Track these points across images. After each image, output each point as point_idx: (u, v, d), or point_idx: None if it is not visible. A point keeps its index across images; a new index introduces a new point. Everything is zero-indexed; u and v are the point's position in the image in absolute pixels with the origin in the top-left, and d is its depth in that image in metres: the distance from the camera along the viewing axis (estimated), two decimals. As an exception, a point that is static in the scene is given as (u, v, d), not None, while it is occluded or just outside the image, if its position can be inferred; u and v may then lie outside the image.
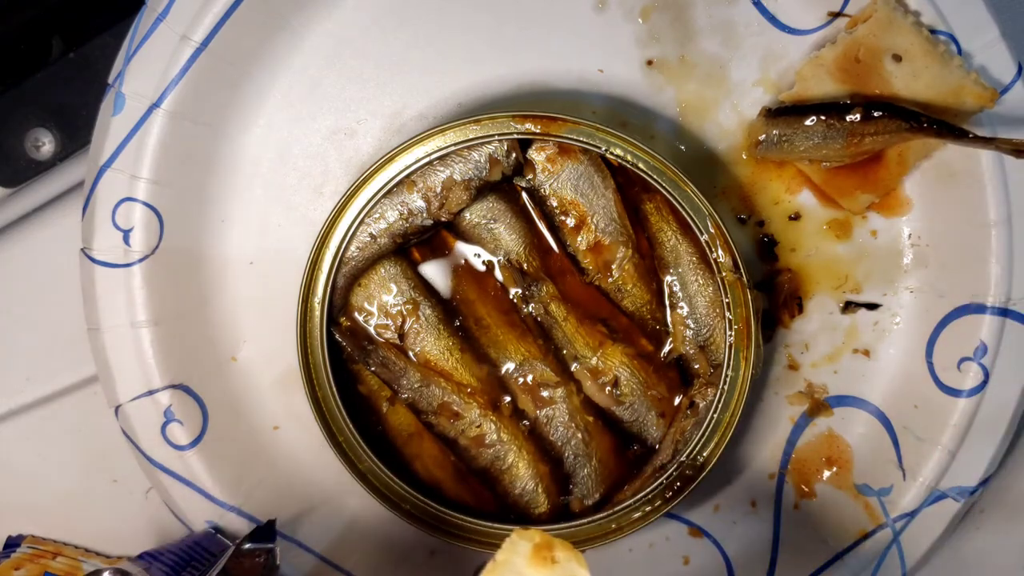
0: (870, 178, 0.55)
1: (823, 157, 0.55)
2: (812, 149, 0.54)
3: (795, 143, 0.54)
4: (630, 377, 0.56)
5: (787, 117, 0.55)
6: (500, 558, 0.39)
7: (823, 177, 0.56)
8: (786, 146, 0.55)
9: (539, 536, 0.40)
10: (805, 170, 0.56)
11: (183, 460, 0.56)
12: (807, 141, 0.54)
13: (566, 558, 0.39)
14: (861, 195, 0.56)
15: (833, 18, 0.57)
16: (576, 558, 0.39)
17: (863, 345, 0.59)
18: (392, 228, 0.56)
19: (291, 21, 0.57)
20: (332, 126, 0.58)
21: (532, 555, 0.39)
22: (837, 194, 0.56)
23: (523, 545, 0.39)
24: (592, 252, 0.57)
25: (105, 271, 0.56)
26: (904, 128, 0.52)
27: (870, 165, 0.55)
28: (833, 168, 0.55)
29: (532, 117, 0.53)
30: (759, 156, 0.56)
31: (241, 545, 0.52)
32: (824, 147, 0.54)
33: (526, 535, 0.40)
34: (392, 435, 0.58)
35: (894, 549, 0.57)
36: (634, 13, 0.58)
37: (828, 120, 0.53)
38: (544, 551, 0.39)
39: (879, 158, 0.55)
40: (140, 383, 0.56)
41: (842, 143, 0.53)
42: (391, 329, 0.57)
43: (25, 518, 0.62)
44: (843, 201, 0.56)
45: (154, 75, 0.54)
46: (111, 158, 0.55)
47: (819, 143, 0.54)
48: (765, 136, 0.55)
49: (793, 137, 0.54)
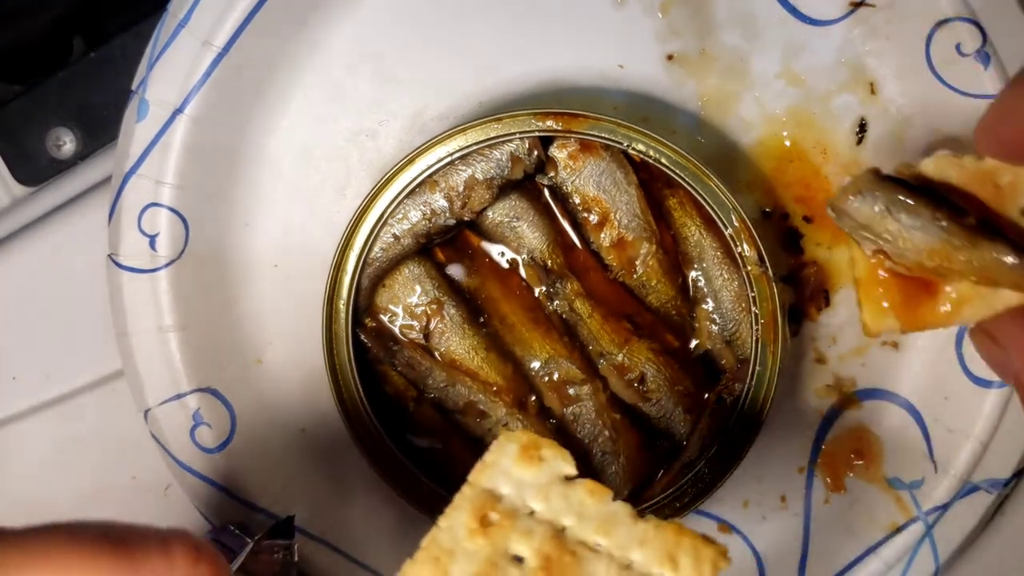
0: (910, 304, 0.46)
1: (892, 248, 0.46)
2: (891, 232, 0.45)
3: (884, 218, 0.45)
4: (656, 373, 0.56)
5: (893, 186, 0.46)
6: (488, 459, 0.40)
7: (867, 269, 0.47)
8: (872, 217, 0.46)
9: (526, 437, 0.40)
10: (856, 253, 0.48)
11: (212, 463, 0.57)
12: (893, 220, 0.45)
13: (552, 456, 0.40)
14: (889, 316, 0.47)
15: (855, 8, 0.56)
16: (562, 455, 0.40)
17: (891, 337, 0.58)
18: (415, 228, 0.56)
19: (311, 24, 0.57)
20: (354, 127, 0.59)
21: (519, 455, 0.40)
22: (866, 297, 0.48)
23: (510, 446, 0.40)
24: (616, 248, 0.57)
25: (132, 276, 0.56)
26: (1008, 269, 0.43)
27: (921, 292, 0.46)
28: (884, 266, 0.47)
29: (553, 114, 0.53)
30: (835, 208, 0.47)
31: (260, 541, 0.52)
32: (906, 237, 0.45)
33: (513, 436, 0.40)
34: (419, 435, 0.58)
35: (927, 542, 0.56)
36: (653, 8, 0.58)
37: (936, 209, 0.45)
38: (531, 450, 0.40)
39: (933, 290, 0.46)
40: (168, 387, 0.56)
41: (928, 244, 0.44)
42: (416, 329, 0.57)
43: (45, 515, 0.62)
44: (867, 308, 0.47)
45: (177, 81, 0.55)
46: (136, 164, 0.55)
47: (904, 228, 0.45)
48: (858, 195, 0.46)
49: (886, 208, 0.45)
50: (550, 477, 0.40)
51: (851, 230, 0.46)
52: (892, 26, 0.56)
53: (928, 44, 0.55)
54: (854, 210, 0.45)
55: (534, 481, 0.39)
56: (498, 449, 0.40)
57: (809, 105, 0.58)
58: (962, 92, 0.55)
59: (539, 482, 0.39)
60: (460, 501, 0.39)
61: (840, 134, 0.58)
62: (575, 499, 0.39)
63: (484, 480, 0.40)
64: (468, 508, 0.39)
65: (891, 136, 0.58)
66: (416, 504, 0.55)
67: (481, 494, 0.39)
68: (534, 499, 0.39)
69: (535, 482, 0.39)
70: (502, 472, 0.40)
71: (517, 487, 0.40)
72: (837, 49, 0.57)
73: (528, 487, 0.39)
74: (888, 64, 0.57)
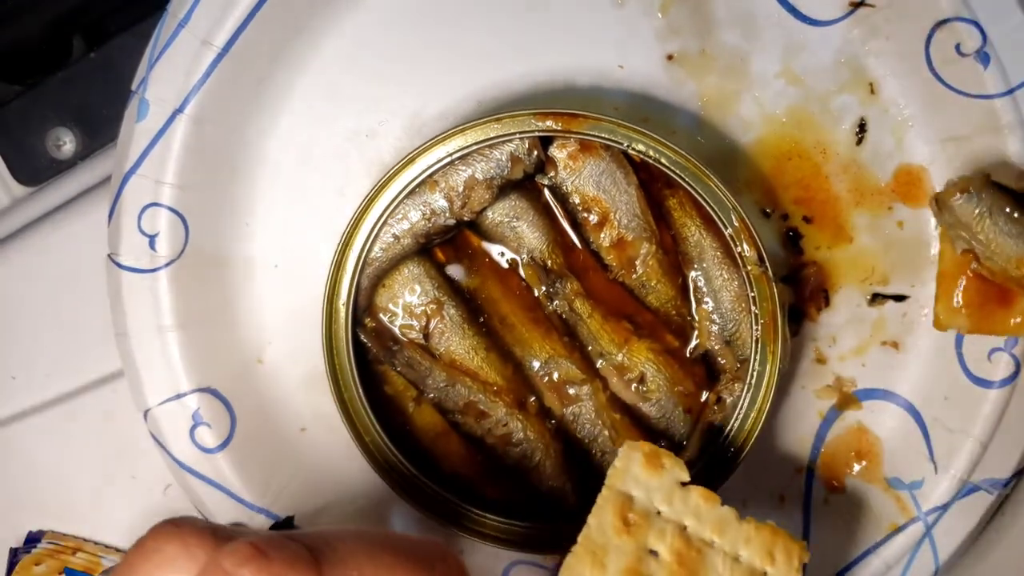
0: (984, 308, 0.49)
1: (982, 251, 0.48)
2: (986, 235, 0.47)
3: (983, 220, 0.47)
4: (656, 373, 0.56)
5: (1000, 193, 0.48)
6: (619, 464, 0.47)
7: (953, 265, 0.50)
8: (972, 216, 0.47)
9: (647, 447, 0.48)
10: (945, 248, 0.50)
11: (212, 463, 0.57)
12: (992, 224, 0.47)
13: (671, 464, 0.47)
14: (960, 315, 0.50)
15: (854, 8, 0.56)
16: (679, 464, 0.47)
17: (891, 337, 0.58)
18: (415, 228, 0.56)
19: (310, 24, 0.57)
20: (353, 127, 0.59)
21: (644, 463, 0.47)
22: (944, 291, 0.50)
23: (635, 454, 0.47)
24: (615, 248, 0.57)
25: (132, 276, 0.56)
26: None
27: (997, 298, 0.48)
28: (970, 267, 0.49)
29: (553, 114, 0.53)
30: (940, 201, 0.49)
31: None
32: (999, 242, 0.47)
33: (636, 446, 0.48)
34: (419, 435, 0.58)
35: (927, 543, 0.56)
36: (653, 8, 0.58)
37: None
38: (654, 459, 0.47)
39: (1009, 299, 0.49)
40: (168, 387, 0.56)
41: (1019, 254, 0.47)
42: (416, 329, 0.57)
43: (45, 514, 0.63)
44: (943, 301, 0.51)
45: (177, 81, 0.55)
46: (136, 164, 0.55)
47: (1000, 233, 0.47)
48: (964, 194, 0.48)
49: (988, 210, 0.47)
50: (671, 483, 0.47)
51: (949, 226, 0.49)
52: (892, 26, 0.56)
53: (928, 44, 0.55)
54: (958, 206, 0.48)
55: (659, 486, 0.47)
56: (625, 457, 0.47)
57: (809, 105, 0.58)
58: (962, 92, 0.55)
59: (663, 487, 0.47)
60: (603, 502, 0.46)
61: (840, 134, 0.58)
62: (691, 502, 0.46)
63: (619, 484, 0.47)
64: (611, 508, 0.46)
65: (891, 136, 0.58)
66: (416, 504, 0.55)
67: (618, 495, 0.46)
68: (660, 502, 0.46)
69: (659, 487, 0.47)
70: (632, 477, 0.47)
71: (646, 491, 0.47)
72: (837, 49, 0.57)
73: (654, 491, 0.47)
74: (888, 64, 0.57)
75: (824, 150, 0.58)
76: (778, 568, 0.46)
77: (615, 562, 0.45)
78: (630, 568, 0.45)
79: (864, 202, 0.58)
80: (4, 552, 0.62)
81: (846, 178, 0.58)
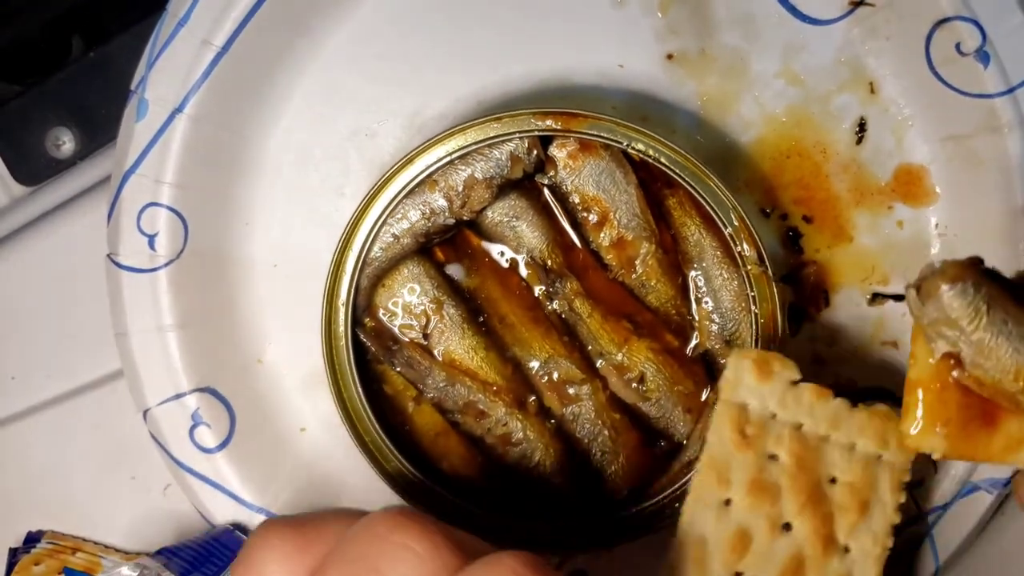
0: (969, 429, 0.40)
1: (972, 357, 0.38)
2: (980, 338, 0.38)
3: (979, 318, 0.37)
4: (656, 373, 0.56)
5: (997, 285, 0.38)
6: (730, 376, 0.46)
7: (930, 372, 0.40)
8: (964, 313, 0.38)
9: (755, 353, 0.47)
10: (919, 350, 0.40)
11: (211, 463, 0.57)
12: (989, 325, 0.37)
13: (780, 366, 0.47)
14: (937, 434, 0.41)
15: (854, 8, 0.56)
16: (788, 365, 0.47)
17: (891, 337, 0.58)
18: (414, 228, 0.56)
19: (310, 23, 0.57)
20: (353, 127, 0.59)
21: (755, 371, 0.46)
22: (916, 404, 0.41)
23: (745, 362, 0.46)
24: (615, 248, 0.57)
25: (131, 276, 0.56)
26: None
27: (980, 416, 0.39)
28: (951, 375, 0.40)
29: (553, 114, 0.53)
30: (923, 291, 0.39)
31: None
32: (996, 348, 0.38)
33: (743, 354, 0.47)
34: (418, 435, 0.58)
35: (927, 543, 0.56)
36: (653, 7, 0.58)
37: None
38: (763, 365, 0.46)
39: (994, 418, 0.40)
40: (168, 387, 0.56)
41: (1016, 365, 0.37)
42: (415, 329, 0.57)
43: (44, 514, 0.63)
44: (913, 417, 0.41)
45: (176, 80, 0.55)
46: (135, 163, 0.55)
47: (999, 337, 0.37)
48: (956, 286, 0.38)
49: (986, 309, 0.37)
50: (782, 385, 0.46)
51: (931, 322, 0.39)
52: (892, 26, 0.56)
53: (928, 44, 0.55)
54: (946, 302, 0.38)
55: (771, 390, 0.46)
56: (734, 368, 0.46)
57: (808, 105, 0.58)
58: (962, 92, 0.55)
59: (775, 391, 0.46)
60: (719, 418, 0.46)
61: (840, 134, 0.58)
62: (804, 401, 0.46)
63: (732, 396, 0.46)
64: (727, 423, 0.46)
65: (891, 135, 0.58)
66: (416, 503, 0.55)
67: (732, 408, 0.46)
68: (774, 406, 0.46)
69: (771, 391, 0.46)
70: (744, 387, 0.46)
71: (759, 398, 0.46)
72: (837, 49, 0.57)
73: (767, 396, 0.46)
74: (888, 64, 0.57)
75: (824, 150, 0.58)
76: (892, 451, 0.46)
77: (739, 476, 0.45)
78: (754, 480, 0.45)
79: (864, 202, 0.58)
80: (3, 552, 0.62)
81: (846, 178, 0.58)
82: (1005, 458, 0.41)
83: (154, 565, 0.54)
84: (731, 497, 0.45)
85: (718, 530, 0.45)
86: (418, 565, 0.33)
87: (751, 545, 0.45)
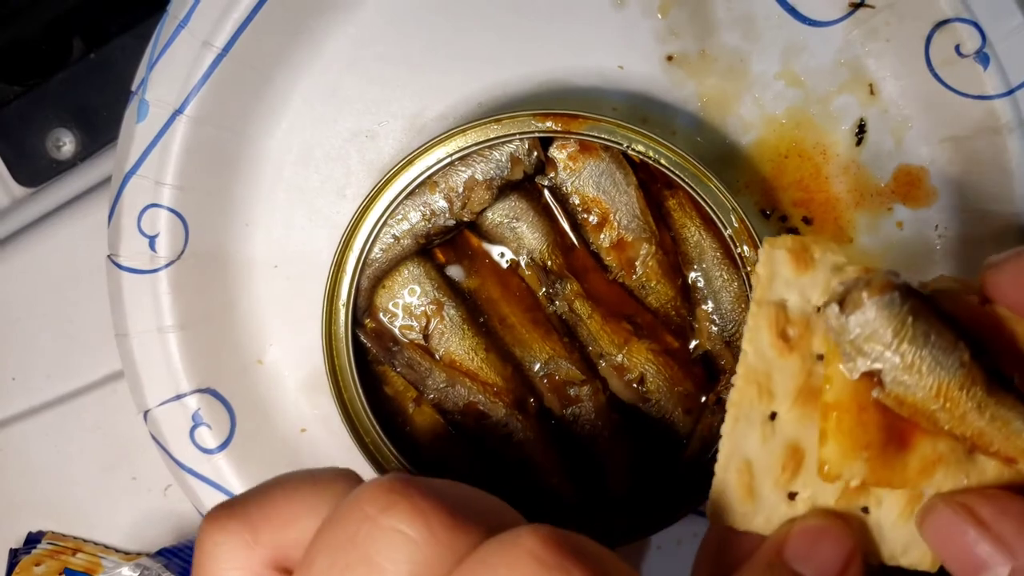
0: (887, 452, 0.37)
1: (894, 376, 0.36)
2: (903, 356, 0.35)
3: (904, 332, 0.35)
4: (656, 374, 0.56)
5: (921, 301, 0.36)
6: (763, 271, 0.39)
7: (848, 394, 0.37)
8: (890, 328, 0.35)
9: (791, 240, 0.39)
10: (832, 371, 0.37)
11: (212, 463, 0.57)
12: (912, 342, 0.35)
13: (821, 252, 0.39)
14: (857, 460, 0.37)
15: (854, 9, 0.57)
16: (829, 247, 0.39)
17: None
18: (415, 229, 0.56)
19: (310, 25, 0.57)
20: (353, 128, 0.59)
21: (792, 260, 0.38)
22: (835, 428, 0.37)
23: (779, 253, 0.39)
24: (615, 249, 0.57)
25: (132, 277, 0.56)
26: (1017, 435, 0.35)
27: (893, 438, 0.37)
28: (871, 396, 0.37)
29: (553, 115, 0.53)
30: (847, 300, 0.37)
31: None
32: (920, 366, 0.35)
33: (777, 242, 0.39)
34: (418, 436, 0.58)
35: (926, 543, 0.56)
36: (653, 8, 0.58)
37: (958, 340, 0.35)
38: (801, 254, 0.38)
39: (906, 440, 0.37)
40: (168, 388, 0.57)
41: (941, 382, 0.35)
42: (416, 330, 0.57)
43: (45, 515, 0.63)
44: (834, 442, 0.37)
45: (177, 81, 0.55)
46: (136, 165, 0.55)
47: (925, 355, 0.35)
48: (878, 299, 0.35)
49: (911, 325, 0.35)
50: (825, 272, 0.38)
51: (851, 338, 0.36)
52: (891, 27, 0.56)
53: (927, 45, 0.55)
54: (869, 317, 0.36)
55: (812, 281, 0.38)
56: (768, 260, 0.39)
57: (808, 106, 0.58)
58: (962, 93, 0.55)
59: (816, 281, 0.38)
60: (754, 322, 0.38)
61: (839, 135, 0.58)
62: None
63: (767, 294, 0.39)
64: (765, 327, 0.38)
65: (891, 136, 0.58)
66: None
67: (769, 308, 0.38)
68: (817, 298, 0.38)
69: (813, 282, 0.38)
70: (781, 281, 0.39)
71: (799, 291, 0.38)
72: (837, 50, 0.57)
73: (809, 288, 0.38)
74: (888, 65, 0.57)
75: (824, 151, 0.58)
76: None
77: (783, 385, 0.38)
78: (801, 388, 0.38)
79: (864, 203, 0.58)
80: (4, 553, 0.62)
81: (846, 179, 0.58)
82: (919, 483, 0.38)
83: (154, 565, 0.54)
84: (776, 410, 0.38)
85: (765, 450, 0.39)
86: (413, 552, 0.28)
87: (804, 460, 0.38)
